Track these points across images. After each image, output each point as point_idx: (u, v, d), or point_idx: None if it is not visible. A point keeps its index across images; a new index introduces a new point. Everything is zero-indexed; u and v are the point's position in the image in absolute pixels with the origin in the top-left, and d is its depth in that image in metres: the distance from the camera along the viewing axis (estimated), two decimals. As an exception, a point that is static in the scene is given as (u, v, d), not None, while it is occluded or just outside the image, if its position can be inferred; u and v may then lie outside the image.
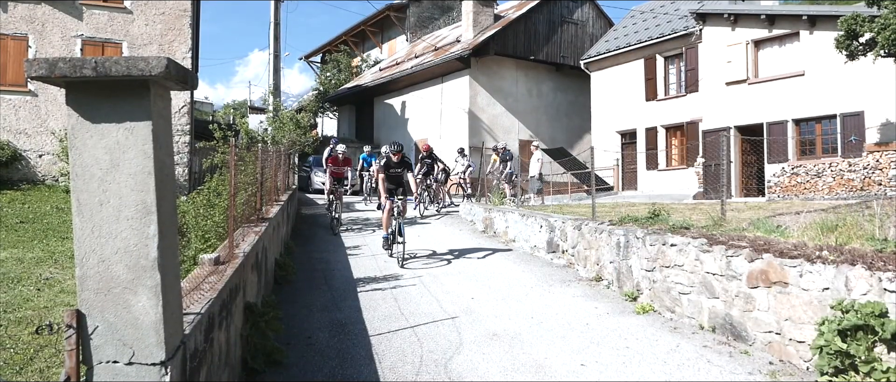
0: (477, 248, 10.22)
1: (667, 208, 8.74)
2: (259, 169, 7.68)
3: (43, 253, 8.43)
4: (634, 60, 20.96)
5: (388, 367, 4.68)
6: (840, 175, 14.83)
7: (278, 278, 7.56)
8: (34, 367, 4.28)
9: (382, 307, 6.42)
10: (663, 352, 5.05)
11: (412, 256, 9.30)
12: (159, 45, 16.70)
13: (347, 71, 34.35)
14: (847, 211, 7.91)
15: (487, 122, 23.03)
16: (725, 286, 5.45)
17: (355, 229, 12.46)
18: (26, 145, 15.78)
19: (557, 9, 24.75)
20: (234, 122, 25.94)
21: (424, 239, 10.98)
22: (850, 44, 11.71)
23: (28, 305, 5.92)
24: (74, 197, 2.28)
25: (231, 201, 5.29)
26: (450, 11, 32.08)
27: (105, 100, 2.27)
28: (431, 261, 9.04)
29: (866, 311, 4.04)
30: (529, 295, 7.01)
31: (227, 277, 3.90)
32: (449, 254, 9.55)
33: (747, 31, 16.88)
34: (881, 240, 4.90)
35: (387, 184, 9.25)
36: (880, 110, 14.21)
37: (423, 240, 10.85)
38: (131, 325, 2.28)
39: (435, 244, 10.42)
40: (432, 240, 10.95)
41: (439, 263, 8.91)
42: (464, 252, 9.71)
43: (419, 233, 11.63)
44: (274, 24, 21.14)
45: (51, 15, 15.95)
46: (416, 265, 8.78)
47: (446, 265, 8.78)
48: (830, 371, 4.18)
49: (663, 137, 20.21)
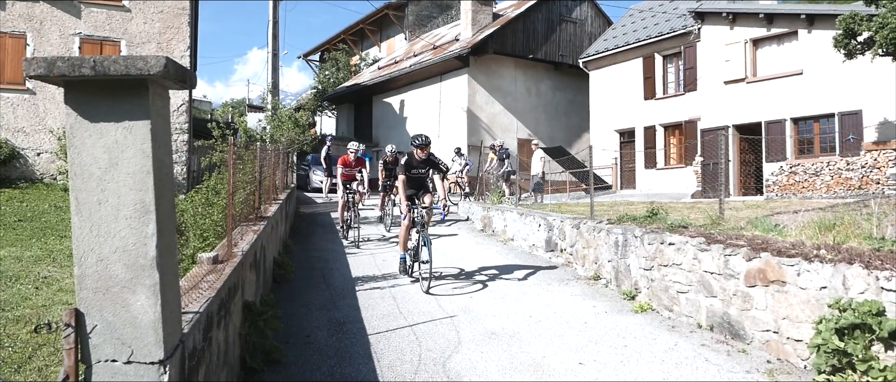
0: (475, 247, 10.22)
1: (665, 206, 8.75)
2: (257, 168, 7.68)
3: (41, 252, 8.42)
4: (633, 58, 20.97)
5: (387, 366, 4.69)
6: (838, 174, 14.86)
7: (277, 276, 7.56)
8: (32, 366, 4.27)
9: (381, 306, 6.42)
10: (661, 351, 5.06)
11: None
12: (158, 43, 16.67)
13: (346, 70, 34.34)
14: (845, 210, 7.92)
15: (486, 121, 23.04)
16: (723, 285, 5.46)
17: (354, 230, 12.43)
18: (24, 144, 15.75)
19: (556, 7, 24.76)
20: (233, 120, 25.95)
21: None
22: (849, 43, 11.73)
23: (26, 303, 5.91)
24: (73, 196, 2.28)
25: (229, 199, 5.29)
26: (448, 10, 32.08)
27: (104, 99, 2.27)
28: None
29: (863, 310, 4.05)
30: (528, 294, 7.02)
31: (225, 276, 3.90)
32: (448, 253, 9.55)
33: (746, 30, 16.89)
34: (879, 239, 4.92)
35: (407, 189, 7.58)
36: (878, 109, 14.24)
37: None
38: (130, 324, 2.28)
39: (433, 243, 10.41)
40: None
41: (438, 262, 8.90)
42: (462, 251, 9.71)
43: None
44: (272, 23, 21.12)
45: (49, 13, 15.92)
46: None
47: (445, 264, 8.78)
48: (828, 369, 4.19)
49: (662, 136, 20.23)
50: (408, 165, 7.61)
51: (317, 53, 40.09)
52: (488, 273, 8.13)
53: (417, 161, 7.60)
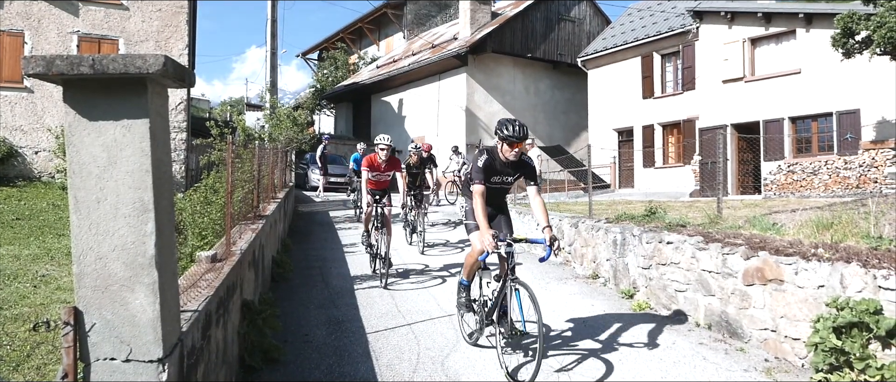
0: (474, 245, 10.22)
1: (663, 205, 8.76)
2: (256, 166, 7.67)
3: (39, 250, 8.40)
4: (631, 57, 20.98)
5: (386, 365, 4.69)
6: (836, 173, 14.88)
7: (275, 275, 7.56)
8: (31, 364, 4.27)
9: (379, 305, 6.43)
10: (659, 349, 5.07)
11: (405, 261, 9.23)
12: (156, 41, 16.64)
13: (345, 68, 34.32)
14: (842, 209, 7.94)
15: (484, 120, 23.03)
16: (721, 284, 5.47)
17: (354, 229, 12.45)
18: (22, 142, 15.73)
19: (555, 6, 24.75)
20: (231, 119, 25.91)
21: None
22: (847, 42, 11.74)
23: (24, 302, 5.90)
24: (72, 194, 2.28)
25: (228, 198, 5.28)
26: (447, 9, 32.06)
27: (102, 97, 2.27)
28: (431, 259, 9.04)
29: (861, 308, 4.06)
30: (526, 293, 7.02)
31: (224, 274, 3.90)
32: (447, 252, 9.56)
33: (744, 29, 16.91)
34: (876, 238, 4.93)
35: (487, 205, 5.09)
36: (876, 108, 14.26)
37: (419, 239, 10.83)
38: (129, 322, 2.28)
39: (432, 244, 10.42)
40: (429, 238, 10.93)
41: (438, 262, 8.91)
42: (461, 250, 9.71)
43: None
44: (271, 22, 21.09)
45: (47, 11, 15.88)
46: (413, 264, 8.78)
47: (445, 263, 8.78)
48: (825, 367, 4.20)
49: (660, 135, 20.24)
50: (489, 168, 4.76)
51: (315, 52, 40.03)
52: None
53: (504, 163, 4.79)
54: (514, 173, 4.90)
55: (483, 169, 4.72)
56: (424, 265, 8.69)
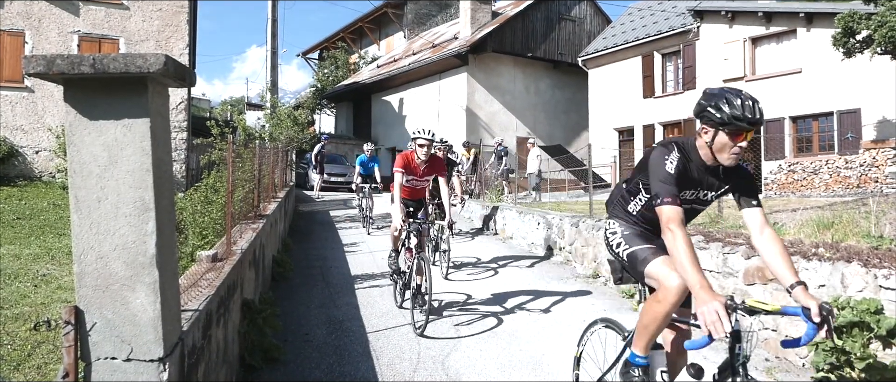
0: (475, 245, 10.21)
1: (664, 205, 8.73)
2: (256, 166, 7.67)
3: (40, 250, 8.40)
4: (632, 57, 20.97)
5: (386, 364, 4.69)
6: (837, 172, 14.88)
7: (276, 275, 7.56)
8: (32, 363, 4.27)
9: (380, 304, 6.42)
10: (660, 349, 5.06)
11: None
12: (156, 41, 16.65)
13: (345, 68, 34.32)
14: (843, 208, 7.94)
15: (485, 119, 23.04)
16: (722, 284, 5.46)
17: (354, 228, 12.45)
18: (23, 142, 15.73)
19: (555, 6, 24.75)
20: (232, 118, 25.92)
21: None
22: (847, 41, 11.74)
23: (25, 301, 5.91)
24: (72, 194, 2.28)
25: (228, 197, 5.28)
26: (447, 8, 32.05)
27: (103, 97, 2.26)
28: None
29: (862, 308, 4.06)
30: (527, 292, 7.02)
31: (224, 274, 3.90)
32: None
33: (744, 29, 16.90)
34: (877, 237, 4.93)
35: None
36: (877, 107, 14.25)
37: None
38: (129, 322, 2.28)
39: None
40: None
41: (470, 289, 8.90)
42: (463, 250, 9.71)
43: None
44: (271, 21, 21.09)
45: (47, 11, 15.89)
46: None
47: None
48: (826, 367, 4.20)
49: (661, 135, 20.23)
50: (682, 175, 2.83)
51: (316, 52, 40.03)
52: (488, 271, 8.13)
53: (705, 168, 2.94)
54: (720, 186, 2.97)
55: (675, 176, 2.73)
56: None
